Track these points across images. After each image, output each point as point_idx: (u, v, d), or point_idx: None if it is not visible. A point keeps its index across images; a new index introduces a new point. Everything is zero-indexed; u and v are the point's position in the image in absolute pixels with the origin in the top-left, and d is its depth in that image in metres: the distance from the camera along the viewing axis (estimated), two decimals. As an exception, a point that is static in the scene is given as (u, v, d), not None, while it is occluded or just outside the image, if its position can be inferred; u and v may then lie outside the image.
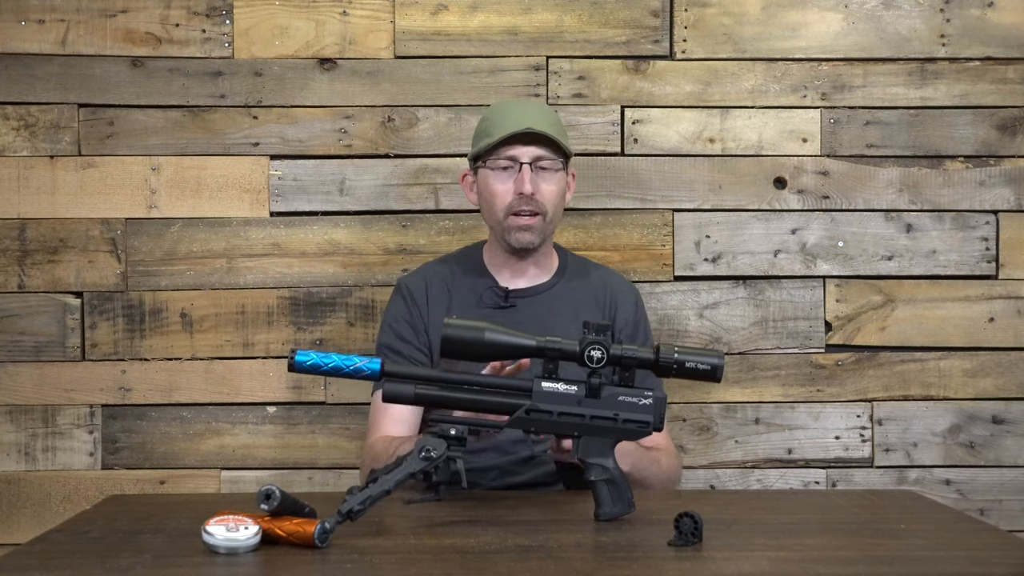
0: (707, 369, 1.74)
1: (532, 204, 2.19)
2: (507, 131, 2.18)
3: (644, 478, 2.05)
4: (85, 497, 2.57)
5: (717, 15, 2.66)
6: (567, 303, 2.26)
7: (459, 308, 2.23)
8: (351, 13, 2.64)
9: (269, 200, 2.63)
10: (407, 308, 2.27)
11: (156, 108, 2.62)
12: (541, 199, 2.20)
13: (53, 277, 2.61)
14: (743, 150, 2.67)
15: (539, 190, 2.19)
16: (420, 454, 1.67)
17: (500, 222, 2.22)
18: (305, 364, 1.73)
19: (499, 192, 2.21)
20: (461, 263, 2.33)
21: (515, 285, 2.27)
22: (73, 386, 2.61)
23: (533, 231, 2.21)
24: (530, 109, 2.27)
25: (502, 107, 2.30)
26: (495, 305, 2.24)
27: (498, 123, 2.21)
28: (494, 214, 2.23)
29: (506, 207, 2.20)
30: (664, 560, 1.53)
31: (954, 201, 2.68)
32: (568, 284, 2.30)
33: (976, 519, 2.06)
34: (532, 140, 2.19)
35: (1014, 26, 2.68)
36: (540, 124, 2.19)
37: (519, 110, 2.25)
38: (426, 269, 2.35)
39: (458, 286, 2.28)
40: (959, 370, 2.68)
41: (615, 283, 2.34)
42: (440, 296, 2.27)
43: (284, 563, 1.50)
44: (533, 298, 2.26)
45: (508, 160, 2.20)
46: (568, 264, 2.34)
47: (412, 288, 2.29)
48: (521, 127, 2.17)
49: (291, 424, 2.63)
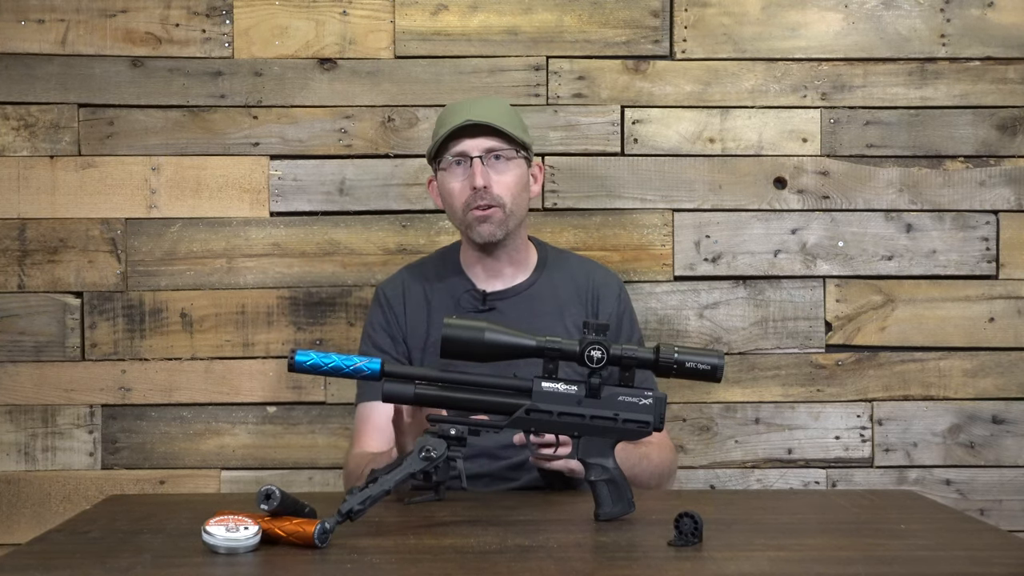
0: (707, 369, 1.74)
1: (487, 197, 2.15)
2: (448, 127, 2.16)
3: (633, 476, 1.97)
4: (85, 497, 2.57)
5: (717, 15, 2.66)
6: (548, 301, 2.24)
7: (437, 314, 2.20)
8: (351, 13, 2.64)
9: (269, 200, 2.63)
10: (383, 317, 2.27)
11: (156, 108, 2.62)
12: (497, 191, 2.16)
13: (53, 277, 2.61)
14: (743, 150, 2.67)
15: (493, 182, 2.16)
16: (420, 454, 1.67)
17: (462, 220, 2.20)
18: (305, 364, 1.73)
19: (455, 190, 2.18)
20: (438, 265, 2.31)
21: (492, 287, 2.24)
22: (73, 386, 2.61)
23: (492, 222, 2.17)
24: (479, 103, 2.25)
25: (452, 106, 2.28)
26: (474, 309, 2.21)
27: (442, 122, 2.21)
28: (455, 213, 2.20)
29: (464, 204, 2.17)
30: (664, 560, 1.53)
31: (954, 201, 2.68)
32: (548, 281, 2.26)
33: (976, 519, 2.06)
34: (481, 132, 2.16)
35: (1014, 26, 2.68)
36: (486, 116, 2.16)
37: (467, 106, 2.23)
38: (403, 274, 2.33)
39: (436, 290, 2.26)
40: (959, 370, 2.68)
41: (597, 276, 2.30)
42: (418, 302, 2.25)
43: (284, 563, 1.50)
44: (512, 299, 2.23)
45: (459, 156, 2.17)
46: (548, 259, 2.30)
47: (389, 295, 2.28)
48: (458, 123, 2.15)
49: (291, 424, 2.63)
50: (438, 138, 2.18)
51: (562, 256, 2.35)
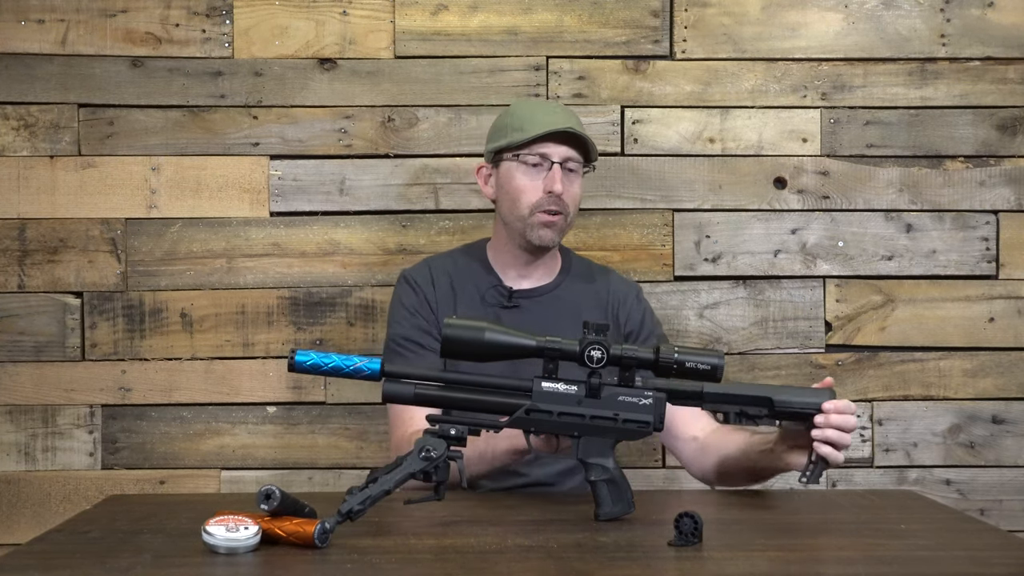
0: (707, 369, 1.74)
1: (559, 204, 2.18)
2: (544, 128, 2.16)
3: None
4: (85, 497, 2.57)
5: (717, 15, 2.67)
6: (570, 304, 2.25)
7: (463, 304, 2.22)
8: (351, 13, 2.64)
9: (269, 200, 2.63)
10: (417, 297, 2.25)
11: (156, 108, 2.62)
12: (567, 199, 2.19)
13: (53, 277, 2.61)
14: (743, 150, 2.67)
15: (566, 191, 2.19)
16: (420, 454, 1.67)
17: (523, 218, 2.20)
18: (305, 364, 1.73)
19: (526, 188, 2.19)
20: (465, 259, 2.31)
21: (519, 285, 2.26)
22: (73, 386, 2.61)
23: (554, 229, 2.20)
24: (562, 111, 2.25)
25: (532, 105, 2.29)
26: (499, 304, 2.23)
27: (532, 119, 2.19)
28: (517, 210, 2.20)
29: (532, 204, 2.18)
30: (664, 560, 1.53)
31: (954, 201, 2.68)
32: (571, 286, 2.29)
33: (976, 519, 2.06)
34: (564, 140, 2.18)
35: (1014, 26, 2.68)
36: (575, 126, 2.18)
37: (551, 109, 2.23)
38: (430, 262, 2.32)
39: (462, 282, 2.26)
40: (959, 370, 2.68)
41: (616, 286, 2.33)
42: (445, 289, 2.25)
43: (284, 563, 1.50)
44: (538, 299, 2.25)
45: (539, 157, 2.18)
46: (572, 265, 2.33)
47: (418, 278, 2.27)
48: (558, 127, 2.16)
49: (291, 424, 2.63)
50: (528, 135, 2.17)
51: (584, 264, 2.37)
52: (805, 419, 1.84)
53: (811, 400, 1.84)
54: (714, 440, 2.15)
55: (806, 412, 1.83)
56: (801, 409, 1.83)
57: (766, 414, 1.83)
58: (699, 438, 2.17)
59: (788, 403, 1.83)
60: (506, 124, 2.23)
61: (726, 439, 2.11)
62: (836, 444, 1.83)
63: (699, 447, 2.17)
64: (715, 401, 1.82)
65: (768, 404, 1.82)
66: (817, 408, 1.83)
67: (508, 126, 2.22)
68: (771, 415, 1.83)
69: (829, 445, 1.82)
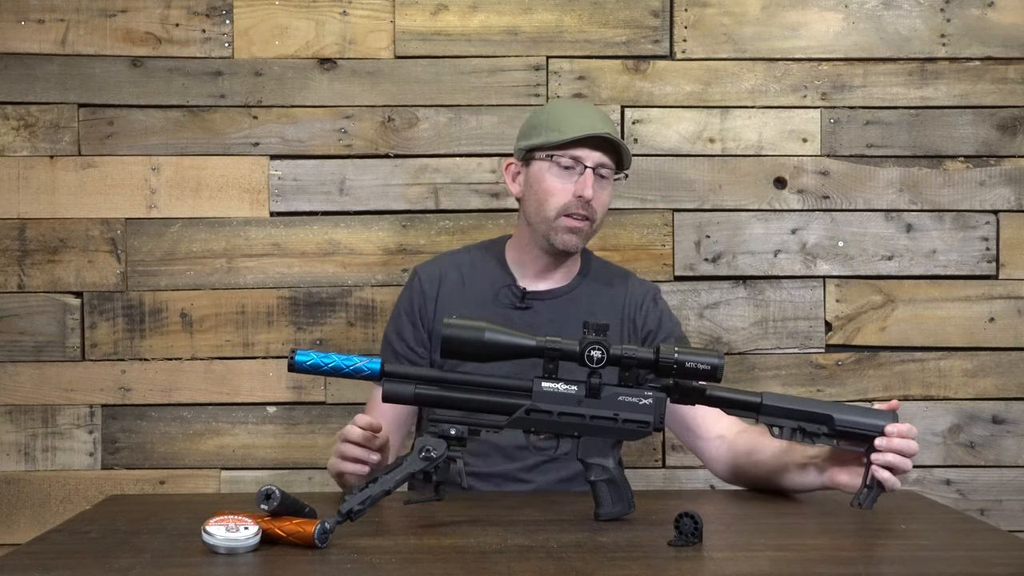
0: (707, 369, 1.73)
1: (587, 209, 2.13)
2: (581, 132, 2.11)
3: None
4: (85, 497, 2.57)
5: (717, 15, 2.67)
6: (584, 308, 2.20)
7: (473, 302, 2.19)
8: (351, 13, 2.64)
9: (269, 200, 2.63)
10: (411, 303, 2.24)
11: (156, 108, 2.62)
12: (596, 206, 2.14)
13: (53, 277, 2.61)
14: (743, 150, 2.67)
15: (596, 197, 2.14)
16: (420, 454, 1.67)
17: (549, 220, 2.15)
18: (305, 364, 1.73)
19: (556, 190, 2.14)
20: (481, 256, 2.27)
21: (533, 286, 2.22)
22: (73, 386, 2.61)
23: (580, 235, 2.15)
24: (600, 115, 2.20)
25: (570, 106, 2.25)
26: (511, 305, 2.19)
27: (569, 121, 2.14)
28: (543, 211, 2.15)
29: (560, 206, 2.14)
30: (664, 560, 1.53)
31: (954, 201, 2.69)
32: (587, 289, 2.24)
33: (976, 519, 2.05)
34: (599, 146, 2.14)
35: (1014, 26, 2.68)
36: (613, 133, 2.14)
37: (589, 112, 2.19)
38: (444, 258, 2.29)
39: (475, 279, 2.23)
40: (959, 370, 2.68)
41: (634, 290, 2.27)
42: (454, 285, 2.23)
43: (284, 563, 1.50)
44: (549, 301, 2.21)
45: (572, 160, 2.13)
46: (591, 267, 2.28)
47: (424, 277, 2.24)
48: (595, 131, 2.12)
49: (291, 424, 2.63)
50: (564, 137, 2.12)
51: (604, 266, 2.31)
52: (865, 440, 1.79)
53: (874, 422, 1.79)
54: (743, 440, 2.11)
55: (868, 434, 1.78)
56: (863, 430, 1.78)
57: (825, 432, 1.78)
58: (726, 437, 2.14)
59: (850, 423, 1.78)
60: (542, 122, 2.17)
61: (757, 441, 2.07)
62: (895, 469, 1.79)
63: (726, 446, 2.14)
64: (772, 415, 1.79)
65: (829, 422, 1.78)
66: (880, 431, 1.78)
67: (544, 125, 2.16)
68: (831, 434, 1.78)
69: (888, 470, 1.79)
